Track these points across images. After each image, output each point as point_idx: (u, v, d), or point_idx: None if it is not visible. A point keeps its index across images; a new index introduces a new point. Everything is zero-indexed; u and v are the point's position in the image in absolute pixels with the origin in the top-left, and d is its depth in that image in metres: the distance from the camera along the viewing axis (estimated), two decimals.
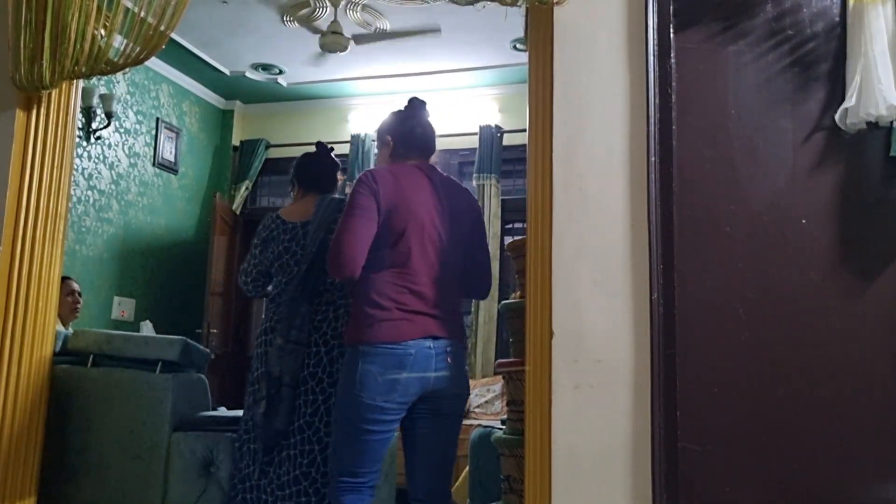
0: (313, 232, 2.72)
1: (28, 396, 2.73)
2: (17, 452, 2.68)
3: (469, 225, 2.55)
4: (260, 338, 2.76)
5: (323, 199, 2.81)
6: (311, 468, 2.61)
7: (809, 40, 2.26)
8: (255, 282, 2.84)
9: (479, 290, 2.68)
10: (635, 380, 2.19)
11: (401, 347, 2.26)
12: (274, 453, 2.64)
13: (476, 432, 3.66)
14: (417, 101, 2.73)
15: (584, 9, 2.39)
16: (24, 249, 2.76)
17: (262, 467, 2.64)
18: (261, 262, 2.81)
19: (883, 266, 2.16)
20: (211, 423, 2.99)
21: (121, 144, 5.70)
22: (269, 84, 6.36)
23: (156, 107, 6.05)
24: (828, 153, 2.21)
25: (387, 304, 2.30)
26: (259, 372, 2.68)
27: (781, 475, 2.09)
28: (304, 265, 2.68)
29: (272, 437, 2.60)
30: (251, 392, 2.70)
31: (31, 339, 2.76)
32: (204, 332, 5.81)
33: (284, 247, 2.75)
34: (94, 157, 5.45)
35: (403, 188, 2.40)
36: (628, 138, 2.30)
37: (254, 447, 2.66)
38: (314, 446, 2.61)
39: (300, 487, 2.59)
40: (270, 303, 2.81)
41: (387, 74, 6.10)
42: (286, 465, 2.61)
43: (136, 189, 5.81)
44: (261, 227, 2.83)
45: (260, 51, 5.77)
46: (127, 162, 5.76)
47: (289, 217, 2.81)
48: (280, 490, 2.60)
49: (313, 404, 2.63)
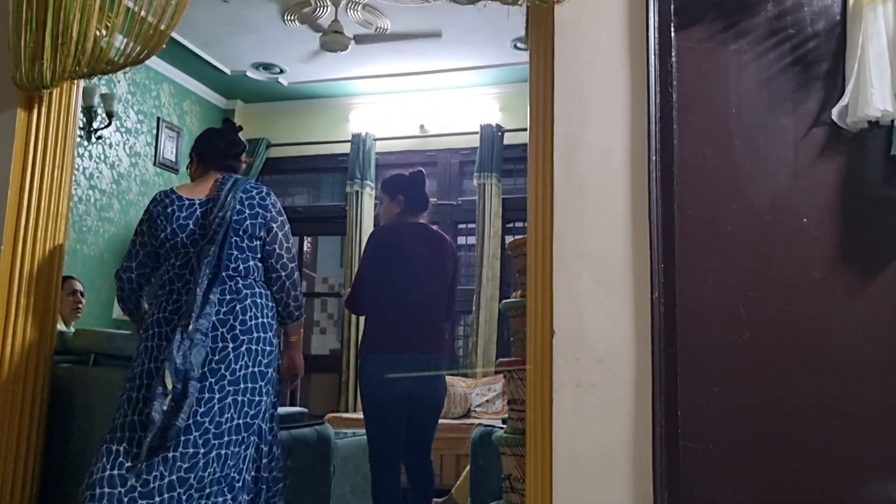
0: (217, 210, 2.48)
1: (29, 396, 2.73)
2: (18, 452, 2.68)
3: (452, 267, 3.35)
4: (151, 329, 2.42)
5: (226, 177, 2.60)
6: (189, 474, 2.28)
7: (810, 39, 2.26)
8: (139, 277, 2.58)
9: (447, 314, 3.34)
10: (636, 379, 2.19)
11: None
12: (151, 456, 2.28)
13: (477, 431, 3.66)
14: (422, 173, 3.39)
15: (584, 8, 2.38)
16: (24, 249, 2.76)
17: (127, 471, 2.25)
18: (148, 242, 2.54)
19: (884, 265, 2.15)
20: None
21: (122, 144, 5.70)
22: (269, 83, 6.36)
23: (157, 106, 6.05)
24: (829, 152, 2.21)
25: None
26: (147, 367, 2.37)
27: (782, 474, 2.09)
28: (208, 246, 2.43)
29: (165, 437, 2.26)
30: (135, 387, 2.37)
31: (31, 338, 2.76)
32: None
33: (180, 224, 2.49)
34: (95, 157, 5.45)
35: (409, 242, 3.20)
36: (629, 137, 2.30)
37: (119, 448, 2.28)
38: (199, 449, 2.30)
39: (174, 494, 2.26)
40: (160, 289, 2.51)
41: (388, 74, 6.10)
42: (160, 468, 2.26)
43: (137, 188, 5.82)
44: (151, 203, 2.57)
45: (261, 50, 5.77)
46: (128, 161, 5.77)
47: (187, 194, 2.58)
48: (146, 498, 2.23)
49: (208, 402, 2.33)
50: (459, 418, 5.47)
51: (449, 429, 5.16)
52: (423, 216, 3.31)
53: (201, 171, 2.72)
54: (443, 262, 3.28)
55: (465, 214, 6.36)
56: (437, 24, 5.23)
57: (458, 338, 6.40)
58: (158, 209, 2.55)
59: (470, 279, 6.26)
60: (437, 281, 3.23)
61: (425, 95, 6.40)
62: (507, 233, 6.13)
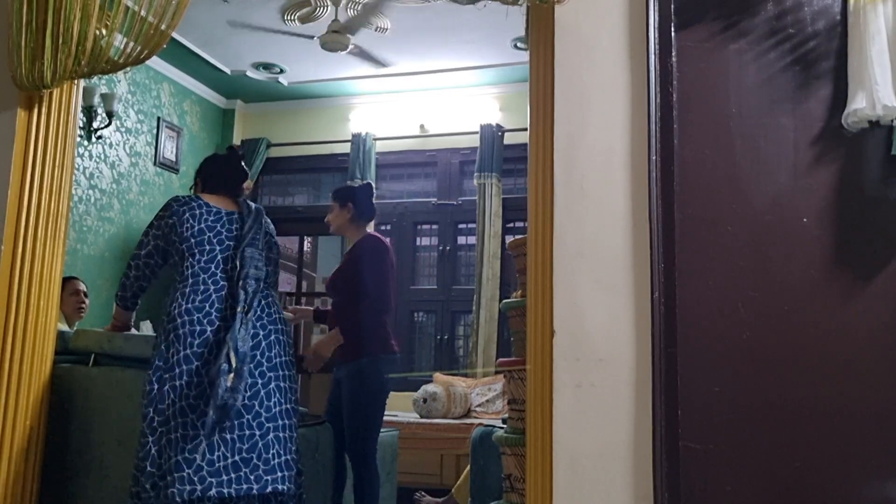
0: (252, 222, 2.70)
1: (29, 396, 2.73)
2: (19, 452, 2.69)
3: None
4: (181, 318, 2.51)
5: (243, 199, 2.82)
6: (251, 454, 2.44)
7: (810, 39, 2.26)
8: (145, 266, 2.70)
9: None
10: (637, 378, 2.19)
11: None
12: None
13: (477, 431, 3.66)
14: (371, 185, 3.78)
15: (585, 7, 2.38)
16: (25, 249, 2.75)
17: (189, 453, 2.37)
18: (162, 236, 2.67)
19: (884, 265, 2.16)
20: None
21: (122, 144, 5.70)
22: (269, 83, 6.36)
23: (157, 106, 6.05)
24: (829, 152, 2.21)
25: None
26: (185, 353, 2.45)
27: (782, 474, 2.09)
28: (249, 249, 2.63)
29: (225, 416, 2.39)
30: (175, 376, 2.43)
31: (32, 338, 2.76)
32: None
33: (208, 225, 2.66)
34: (96, 157, 5.45)
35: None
36: (629, 137, 2.30)
37: (175, 436, 2.38)
38: (254, 431, 2.45)
39: (240, 474, 2.40)
40: (181, 283, 2.60)
41: (388, 73, 6.10)
42: (221, 449, 2.39)
43: (137, 188, 5.82)
44: (174, 202, 2.70)
45: (261, 50, 5.77)
46: (128, 161, 5.77)
47: (211, 202, 2.74)
48: (214, 476, 2.36)
49: (253, 387, 2.48)
50: (459, 418, 5.47)
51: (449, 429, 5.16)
52: (370, 224, 3.71)
53: (206, 193, 2.84)
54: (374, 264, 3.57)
55: (465, 214, 6.36)
56: (438, 23, 5.23)
57: (458, 338, 6.40)
58: (185, 209, 2.69)
59: (470, 279, 6.26)
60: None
61: (425, 95, 6.40)
62: (508, 233, 6.13)
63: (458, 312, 6.34)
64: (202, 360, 2.44)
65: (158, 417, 2.42)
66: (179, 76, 6.23)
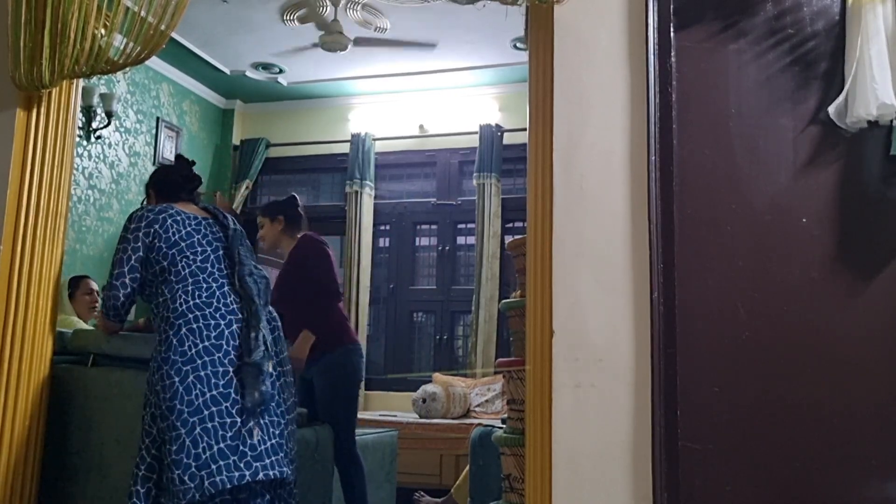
0: (231, 223, 2.74)
1: (28, 396, 2.73)
2: (18, 452, 2.68)
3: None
4: (189, 314, 2.51)
5: (206, 204, 2.84)
6: (282, 440, 2.53)
7: (810, 39, 2.26)
8: (132, 282, 2.66)
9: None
10: (636, 379, 2.19)
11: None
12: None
13: (476, 431, 3.66)
14: (295, 197, 3.95)
15: (584, 7, 2.38)
16: (24, 248, 2.75)
17: (231, 440, 2.41)
18: (142, 247, 2.62)
19: (883, 265, 2.16)
20: None
21: (121, 144, 5.70)
22: (269, 83, 6.36)
23: (156, 106, 6.05)
24: (828, 152, 2.21)
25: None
26: (205, 345, 2.46)
27: (782, 474, 2.09)
28: (240, 248, 2.68)
29: (261, 401, 2.46)
30: (198, 367, 2.44)
31: (31, 338, 2.76)
32: None
33: (194, 227, 2.66)
34: (95, 157, 5.45)
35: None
36: (629, 137, 2.30)
37: (212, 425, 2.40)
38: (280, 419, 2.55)
39: (279, 458, 2.48)
40: (179, 283, 2.58)
41: (387, 74, 6.10)
42: (258, 434, 2.46)
43: (136, 188, 5.81)
44: (146, 212, 2.66)
45: (260, 50, 5.77)
46: (127, 161, 5.77)
47: (184, 209, 2.73)
48: (258, 461, 2.42)
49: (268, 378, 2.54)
50: (459, 418, 5.47)
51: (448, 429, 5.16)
52: (301, 230, 3.88)
53: (168, 201, 2.80)
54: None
55: (464, 214, 6.36)
56: (437, 23, 5.23)
57: (457, 338, 6.40)
58: (164, 216, 2.66)
59: (469, 279, 6.26)
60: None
61: (425, 95, 6.40)
62: (507, 233, 6.12)
63: (458, 312, 6.34)
64: (222, 351, 2.49)
65: (188, 409, 2.41)
66: (179, 76, 6.23)
